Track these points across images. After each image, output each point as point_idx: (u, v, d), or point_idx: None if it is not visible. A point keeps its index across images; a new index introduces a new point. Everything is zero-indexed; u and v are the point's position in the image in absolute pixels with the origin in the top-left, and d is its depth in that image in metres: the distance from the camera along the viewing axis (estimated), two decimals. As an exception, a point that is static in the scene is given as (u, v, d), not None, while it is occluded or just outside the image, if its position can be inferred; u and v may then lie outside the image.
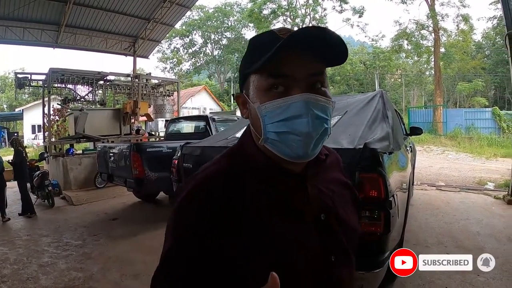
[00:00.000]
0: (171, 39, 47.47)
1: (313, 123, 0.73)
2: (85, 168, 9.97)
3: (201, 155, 3.23)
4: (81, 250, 4.90)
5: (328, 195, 0.88)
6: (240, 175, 0.80)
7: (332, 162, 0.97)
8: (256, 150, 0.83)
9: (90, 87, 13.45)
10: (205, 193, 0.77)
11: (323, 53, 0.76)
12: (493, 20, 35.06)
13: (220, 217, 0.73)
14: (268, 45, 0.72)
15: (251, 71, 0.79)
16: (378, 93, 3.79)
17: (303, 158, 0.77)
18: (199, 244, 0.72)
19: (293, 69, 0.74)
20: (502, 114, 22.19)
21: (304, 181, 0.84)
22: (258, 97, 0.77)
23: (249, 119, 0.84)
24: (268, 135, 0.77)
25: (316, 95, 0.75)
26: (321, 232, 0.82)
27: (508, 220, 5.94)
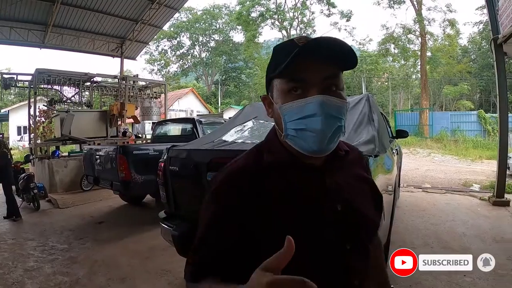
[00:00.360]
0: (159, 40, 47.34)
1: (326, 122, 0.83)
2: (71, 170, 9.83)
3: (187, 158, 3.22)
4: (67, 254, 4.83)
5: (345, 189, 0.95)
6: (265, 167, 0.92)
7: (353, 159, 1.06)
8: (280, 146, 0.94)
9: (76, 89, 13.32)
10: (236, 180, 0.90)
11: (335, 59, 0.85)
12: (479, 25, 35.97)
13: (248, 200, 0.85)
14: (287, 53, 0.81)
15: (274, 76, 0.89)
16: (364, 97, 3.82)
17: (318, 152, 0.86)
18: (232, 219, 0.85)
19: (309, 74, 0.84)
20: (487, 117, 22.60)
21: (323, 175, 0.93)
22: (280, 98, 0.88)
23: (273, 118, 0.94)
24: (288, 132, 0.87)
25: (329, 96, 0.84)
26: (337, 222, 0.89)
27: (493, 221, 6.04)
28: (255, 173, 0.90)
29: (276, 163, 0.92)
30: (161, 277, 4.03)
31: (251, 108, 4.53)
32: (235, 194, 0.87)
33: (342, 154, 0.98)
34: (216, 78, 49.52)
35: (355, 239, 0.92)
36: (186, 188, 3.38)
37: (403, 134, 6.05)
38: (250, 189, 0.87)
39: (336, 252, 0.88)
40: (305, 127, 0.84)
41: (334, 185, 0.93)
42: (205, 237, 0.89)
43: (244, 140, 3.47)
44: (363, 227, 0.96)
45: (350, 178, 1.00)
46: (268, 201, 0.85)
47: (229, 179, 0.92)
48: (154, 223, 4.76)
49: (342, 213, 0.91)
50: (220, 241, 0.85)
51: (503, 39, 6.90)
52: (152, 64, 49.45)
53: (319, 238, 0.85)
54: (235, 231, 0.84)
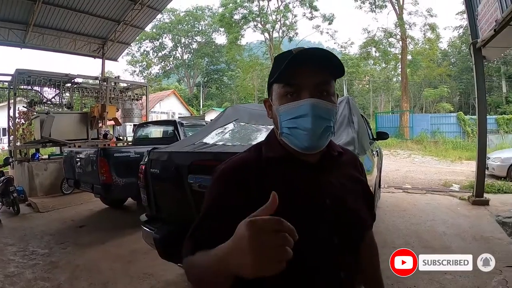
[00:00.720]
0: (141, 42, 47.01)
1: (316, 122, 0.94)
2: (51, 173, 9.65)
3: (168, 161, 3.20)
4: (48, 259, 4.74)
5: (337, 186, 1.05)
6: (264, 161, 1.03)
7: (347, 160, 1.17)
8: (278, 143, 1.05)
9: (57, 90, 13.11)
10: (239, 166, 1.02)
11: (326, 66, 0.96)
12: (459, 29, 36.95)
13: (248, 184, 0.95)
14: (284, 61, 0.92)
15: (273, 81, 1.01)
16: (345, 99, 3.87)
17: (309, 149, 0.97)
18: (235, 196, 0.94)
19: (302, 80, 0.95)
20: (466, 119, 23.07)
21: (316, 172, 1.03)
22: (277, 101, 1.00)
23: (272, 119, 1.06)
24: (283, 130, 0.99)
25: (319, 100, 0.95)
26: (327, 216, 0.98)
27: (473, 220, 6.18)
28: (255, 165, 1.01)
29: (274, 158, 1.03)
30: (143, 281, 4.00)
31: (233, 110, 4.54)
32: (236, 180, 0.97)
33: (335, 154, 1.10)
34: (198, 80, 49.38)
35: (343, 234, 1.00)
36: (167, 191, 3.35)
37: (383, 136, 6.15)
38: (250, 178, 0.97)
39: (324, 244, 0.96)
40: (297, 126, 0.95)
41: (326, 182, 1.03)
42: (206, 216, 0.96)
43: (225, 142, 3.46)
44: (352, 224, 1.04)
45: (342, 177, 1.09)
46: (265, 190, 0.85)
47: (232, 167, 1.02)
48: (135, 227, 4.72)
49: (332, 208, 0.99)
50: (219, 221, 0.90)
51: (482, 43, 7.08)
52: (133, 65, 49.16)
53: (309, 230, 0.90)
54: (232, 212, 0.87)
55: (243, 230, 0.66)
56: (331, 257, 0.98)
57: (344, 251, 1.01)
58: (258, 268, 0.64)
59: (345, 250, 1.01)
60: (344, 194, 1.05)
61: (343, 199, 1.04)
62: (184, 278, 3.94)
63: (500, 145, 18.58)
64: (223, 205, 0.95)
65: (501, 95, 33.41)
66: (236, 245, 0.68)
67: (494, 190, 8.63)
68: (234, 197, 0.94)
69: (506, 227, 5.75)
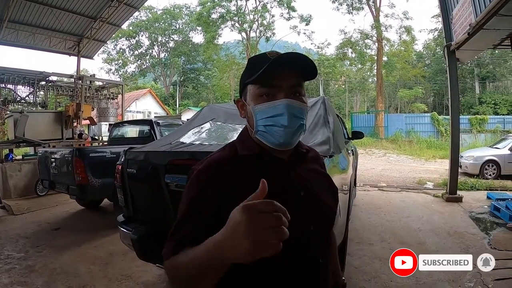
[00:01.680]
0: (117, 39, 46.13)
1: (291, 119, 1.00)
2: (26, 174, 9.35)
3: (145, 160, 3.17)
4: (24, 263, 4.59)
5: (307, 179, 1.12)
6: (239, 159, 1.07)
7: (312, 157, 1.24)
8: (252, 141, 1.10)
9: (31, 88, 12.87)
10: (215, 165, 1.05)
11: (299, 71, 1.03)
12: (434, 32, 37.86)
13: (225, 182, 1.00)
14: (260, 64, 0.99)
15: (248, 82, 1.06)
16: (320, 99, 3.91)
17: (284, 145, 1.03)
18: (212, 195, 0.98)
19: (278, 82, 1.01)
20: (440, 119, 23.73)
21: (288, 166, 1.09)
22: (253, 100, 1.04)
23: (246, 118, 1.11)
24: (258, 128, 1.04)
25: (294, 100, 1.01)
26: (302, 206, 1.03)
27: (447, 217, 6.37)
28: (231, 163, 1.05)
29: (249, 155, 1.08)
30: (122, 283, 3.93)
31: (209, 110, 4.54)
32: (212, 180, 1.01)
33: (303, 151, 1.16)
34: (174, 79, 48.74)
35: (317, 222, 1.07)
36: (144, 191, 3.33)
37: (358, 135, 6.25)
38: (226, 177, 1.02)
39: (303, 233, 1.01)
40: (273, 124, 1.01)
41: (297, 175, 1.10)
42: (185, 216, 0.99)
43: (201, 141, 3.46)
44: (323, 213, 1.12)
45: (310, 172, 1.17)
46: (241, 187, 0.93)
47: (208, 167, 1.05)
48: (112, 228, 4.67)
49: (305, 198, 1.06)
50: (198, 219, 0.96)
51: (455, 46, 7.31)
52: (109, 63, 48.19)
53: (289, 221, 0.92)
54: (211, 211, 0.95)
55: (238, 215, 0.70)
56: (310, 245, 1.04)
57: (320, 238, 1.09)
58: (257, 250, 0.68)
59: (320, 237, 1.09)
60: (314, 186, 1.13)
61: (313, 190, 1.11)
62: (162, 279, 3.93)
63: (473, 144, 19.18)
64: (201, 204, 0.99)
65: (474, 96, 34.30)
66: (231, 231, 0.71)
67: (467, 188, 8.89)
68: (211, 197, 0.98)
69: (479, 223, 5.96)
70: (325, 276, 1.10)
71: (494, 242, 4.94)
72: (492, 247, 4.76)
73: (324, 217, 1.13)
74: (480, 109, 29.99)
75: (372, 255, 4.47)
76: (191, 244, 0.88)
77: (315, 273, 1.06)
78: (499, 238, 5.15)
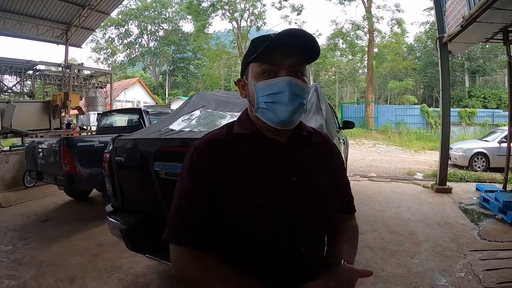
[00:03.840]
0: (106, 28, 45.43)
1: (292, 97, 1.00)
2: (13, 166, 9.17)
3: (133, 148, 3.10)
4: (12, 256, 4.51)
5: (303, 165, 1.10)
6: (234, 137, 1.09)
7: (318, 142, 1.22)
8: (249, 121, 1.11)
9: (18, 77, 12.67)
10: (210, 143, 1.08)
11: (301, 49, 1.03)
12: (425, 25, 38.24)
13: (219, 160, 1.03)
14: (263, 42, 0.99)
15: (250, 61, 1.06)
16: (313, 87, 3.87)
17: (284, 123, 1.02)
18: (207, 171, 1.02)
19: (280, 60, 1.01)
20: (430, 111, 23.95)
21: (284, 149, 1.09)
22: (255, 78, 1.05)
23: (246, 98, 1.11)
24: (259, 105, 1.03)
25: (295, 78, 1.02)
26: (291, 192, 1.04)
27: (436, 207, 6.43)
28: (226, 140, 1.08)
29: (243, 134, 1.08)
30: (112, 274, 3.88)
31: (199, 97, 4.48)
32: (208, 156, 1.04)
33: (304, 134, 1.14)
34: (164, 69, 48.34)
35: (307, 211, 1.06)
36: (133, 180, 3.26)
37: (349, 125, 6.27)
38: (220, 153, 1.04)
39: (287, 218, 1.03)
40: (274, 101, 1.00)
41: (294, 160, 1.08)
42: (183, 194, 1.04)
43: (191, 128, 3.40)
44: (317, 202, 1.09)
45: (311, 157, 1.15)
46: (232, 165, 1.02)
47: (204, 145, 1.08)
48: (101, 219, 4.59)
49: (296, 184, 1.05)
50: (195, 196, 1.01)
51: (448, 38, 7.31)
52: (98, 52, 47.49)
53: (273, 204, 1.01)
54: (207, 188, 1.00)
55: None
56: (293, 231, 1.04)
57: (306, 226, 1.06)
58: None
59: (307, 225, 1.06)
60: (312, 174, 1.11)
61: (309, 177, 1.10)
62: (152, 270, 3.89)
63: (462, 137, 19.40)
64: (196, 182, 1.02)
65: (464, 89, 34.65)
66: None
67: (457, 179, 9.02)
68: (207, 172, 1.02)
69: (469, 214, 6.01)
70: (308, 267, 1.08)
71: (484, 233, 4.99)
72: (482, 237, 4.80)
73: (317, 207, 1.10)
74: (469, 102, 30.32)
75: (363, 245, 4.46)
76: (188, 226, 0.99)
77: (296, 262, 1.06)
78: (489, 229, 5.20)
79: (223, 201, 1.00)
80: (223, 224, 1.01)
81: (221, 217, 1.00)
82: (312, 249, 1.10)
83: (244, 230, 1.01)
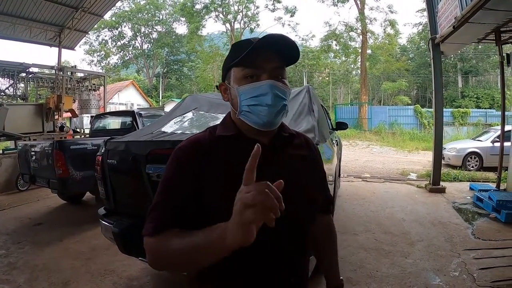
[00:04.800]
0: (99, 30, 45.18)
1: (274, 99, 1.03)
2: (6, 169, 9.08)
3: (125, 150, 3.09)
4: (5, 260, 4.47)
5: (286, 164, 1.13)
6: (216, 139, 1.12)
7: (300, 142, 1.26)
8: (232, 123, 1.14)
9: (11, 80, 12.61)
10: (192, 145, 1.10)
11: (282, 53, 1.06)
12: (418, 26, 38.45)
13: (201, 162, 1.05)
14: (244, 47, 1.01)
15: (232, 65, 1.08)
16: (305, 88, 3.89)
17: (267, 124, 1.06)
18: (188, 174, 1.03)
19: (261, 63, 1.04)
20: (423, 112, 24.09)
21: (266, 151, 1.02)
22: (237, 82, 1.07)
23: (229, 101, 1.14)
24: (242, 108, 1.06)
25: (277, 82, 1.05)
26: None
27: (430, 207, 6.45)
28: (208, 142, 1.10)
29: (226, 136, 1.11)
30: (105, 277, 3.86)
31: (192, 99, 4.49)
32: (190, 155, 1.07)
33: (285, 135, 1.18)
34: (157, 71, 48.23)
35: (290, 210, 1.00)
36: (125, 182, 3.25)
37: (342, 126, 6.30)
38: (202, 154, 1.06)
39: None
40: (257, 103, 1.03)
41: (275, 160, 1.10)
42: (163, 192, 1.05)
43: (183, 130, 3.41)
44: (299, 201, 1.10)
45: (292, 157, 1.17)
46: (216, 165, 1.05)
47: (187, 146, 1.10)
48: (94, 222, 4.55)
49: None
50: (175, 195, 1.02)
51: (440, 39, 7.36)
52: (91, 55, 47.20)
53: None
54: (188, 188, 1.02)
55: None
56: (275, 228, 0.98)
57: (290, 224, 1.06)
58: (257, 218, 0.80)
59: (290, 223, 1.06)
60: (293, 172, 1.14)
61: (291, 176, 1.06)
62: (146, 273, 3.88)
63: (455, 137, 19.53)
64: (177, 182, 1.04)
65: (457, 89, 34.88)
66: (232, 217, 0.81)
67: (450, 179, 9.06)
68: (187, 174, 1.04)
69: (463, 213, 6.04)
70: (291, 269, 1.12)
71: (477, 232, 5.01)
72: (476, 236, 4.82)
73: (300, 206, 1.12)
74: (462, 102, 30.51)
75: (357, 245, 4.49)
76: (170, 221, 0.98)
77: (277, 264, 1.08)
78: (483, 228, 5.22)
79: (205, 201, 1.02)
80: (205, 222, 0.96)
81: (203, 216, 0.99)
82: (297, 246, 1.13)
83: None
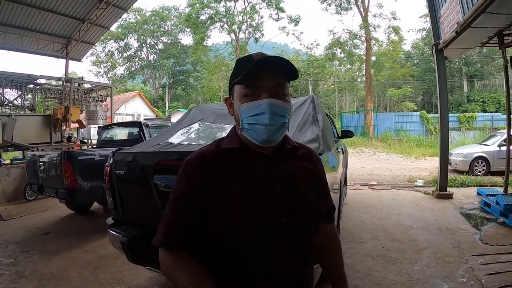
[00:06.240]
0: (106, 42, 45.97)
1: (272, 118, 1.07)
2: (14, 179, 9.19)
3: (133, 161, 3.12)
4: (13, 269, 4.51)
5: (289, 174, 1.17)
6: (222, 152, 1.17)
7: (303, 154, 1.30)
8: (236, 137, 1.19)
9: (19, 91, 12.73)
10: (199, 158, 1.15)
11: (281, 72, 1.11)
12: (422, 32, 38.43)
13: (207, 174, 1.10)
14: (246, 65, 1.06)
15: (235, 83, 1.14)
16: (309, 98, 3.91)
17: (266, 141, 1.09)
18: (195, 186, 1.09)
19: (261, 82, 1.09)
20: (429, 117, 24.02)
21: (268, 161, 1.16)
22: (239, 100, 1.13)
23: (234, 116, 1.18)
24: (244, 125, 1.11)
25: (276, 100, 1.08)
26: (276, 199, 1.11)
27: (437, 213, 6.40)
28: (214, 155, 1.16)
29: (231, 149, 1.16)
30: (113, 286, 3.88)
31: (198, 110, 4.52)
32: (197, 168, 1.12)
33: (288, 147, 1.22)
34: (163, 81, 48.70)
35: (292, 217, 1.12)
36: (133, 192, 3.29)
37: (348, 134, 6.30)
38: (209, 167, 1.12)
39: (272, 224, 1.08)
40: (256, 122, 1.08)
41: (278, 170, 1.15)
42: (172, 205, 1.12)
43: (190, 142, 3.43)
44: (301, 209, 1.16)
45: (295, 168, 1.21)
46: (221, 177, 1.10)
47: (194, 159, 1.15)
48: (102, 231, 4.59)
49: (280, 192, 1.12)
50: (183, 208, 1.09)
51: (443, 45, 7.37)
52: (98, 66, 47.96)
53: (258, 210, 1.07)
54: (195, 201, 1.07)
55: None
56: (278, 236, 1.10)
57: (292, 232, 1.12)
58: None
59: (292, 231, 1.12)
60: (296, 182, 1.18)
61: (293, 186, 1.17)
62: (154, 282, 3.89)
63: (461, 142, 19.39)
64: (186, 194, 1.10)
65: (462, 94, 34.77)
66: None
67: (457, 184, 9.01)
68: (195, 186, 1.09)
69: (470, 219, 5.99)
70: (297, 272, 1.15)
71: (485, 237, 4.98)
72: (483, 242, 4.79)
73: (302, 213, 1.16)
74: (468, 107, 30.41)
75: (364, 253, 4.47)
76: (178, 231, 1.07)
77: (282, 267, 1.11)
78: (491, 233, 5.19)
79: (211, 211, 1.07)
80: (211, 232, 1.08)
81: (209, 225, 1.07)
82: (301, 254, 1.15)
83: (231, 237, 1.07)
